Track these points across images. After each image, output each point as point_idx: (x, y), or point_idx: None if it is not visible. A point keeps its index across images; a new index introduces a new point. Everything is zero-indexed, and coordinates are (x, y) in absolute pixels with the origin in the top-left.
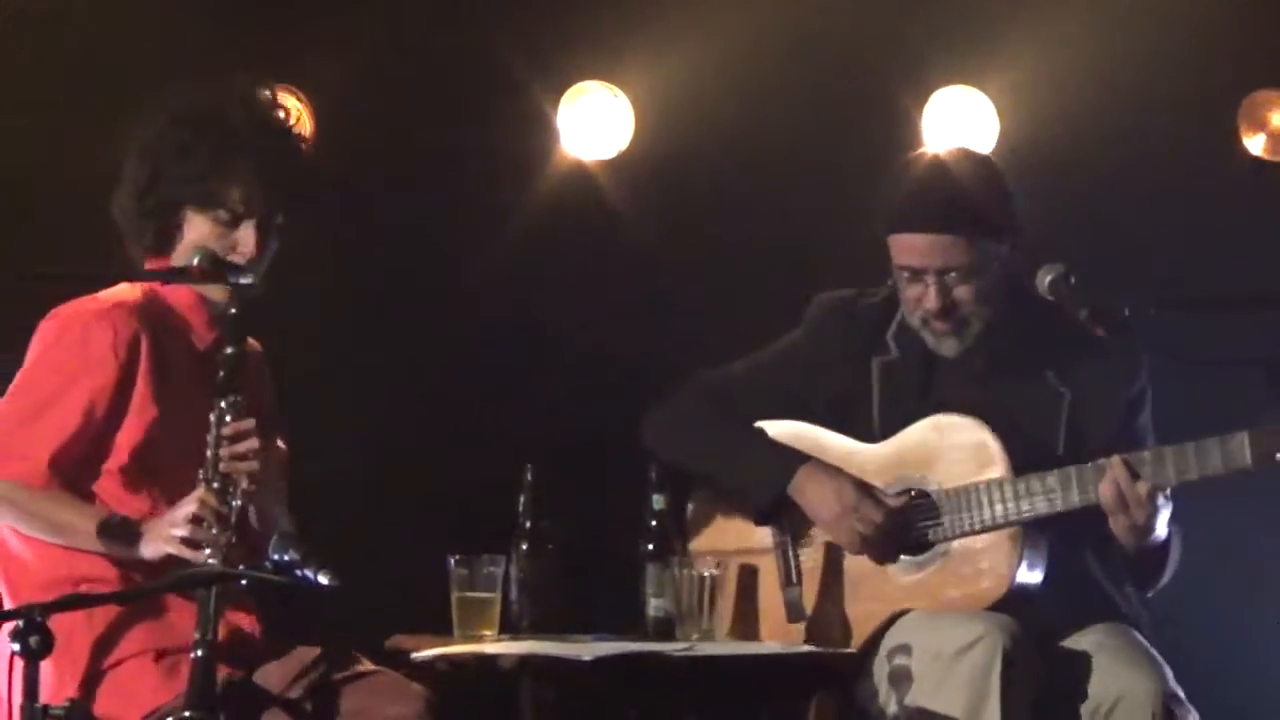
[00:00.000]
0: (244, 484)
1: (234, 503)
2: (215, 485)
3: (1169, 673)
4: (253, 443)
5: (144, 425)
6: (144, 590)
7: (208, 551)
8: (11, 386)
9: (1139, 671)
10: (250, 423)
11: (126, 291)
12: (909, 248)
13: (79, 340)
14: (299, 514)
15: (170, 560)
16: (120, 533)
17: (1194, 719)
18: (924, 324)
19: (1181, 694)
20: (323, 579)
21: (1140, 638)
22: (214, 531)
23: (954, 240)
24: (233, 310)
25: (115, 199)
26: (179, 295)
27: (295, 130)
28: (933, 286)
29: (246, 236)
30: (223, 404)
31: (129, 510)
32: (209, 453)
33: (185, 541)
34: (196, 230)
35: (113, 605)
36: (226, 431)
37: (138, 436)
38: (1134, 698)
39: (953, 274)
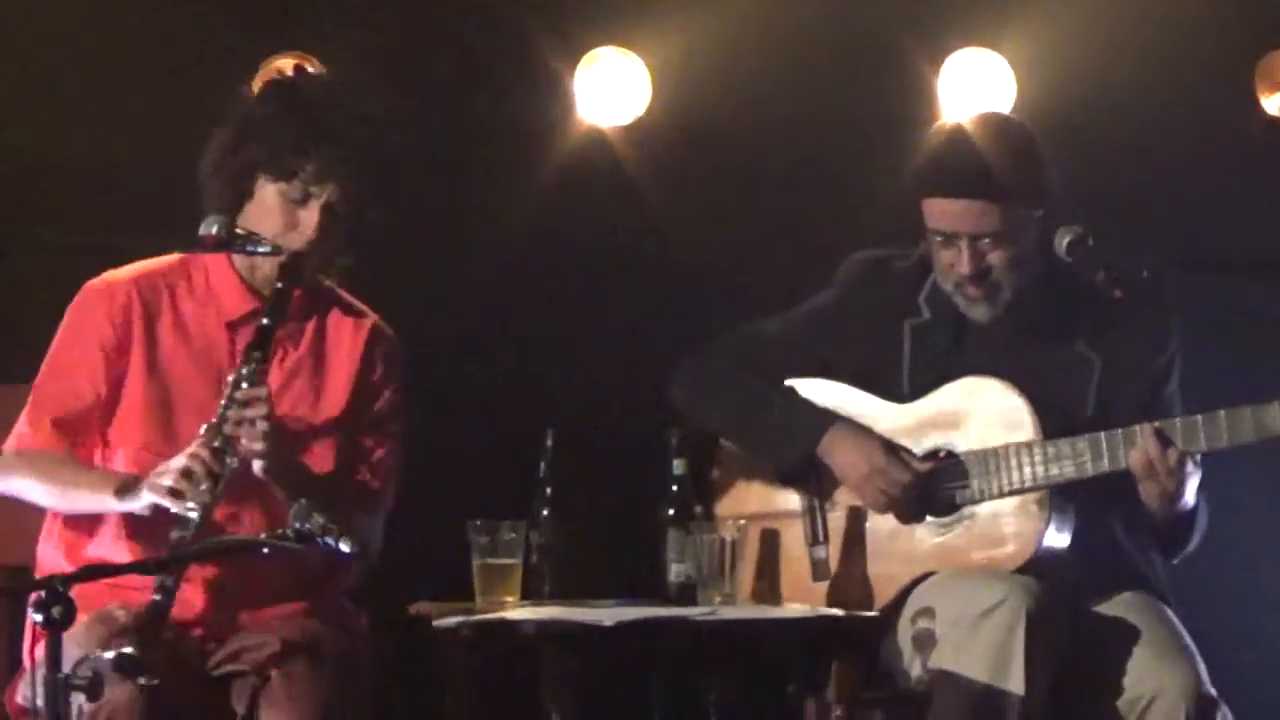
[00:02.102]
0: (255, 446)
1: (230, 462)
2: (215, 445)
3: (1203, 669)
4: (261, 409)
5: (140, 389)
6: (166, 560)
7: (190, 504)
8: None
9: (1173, 668)
10: (261, 391)
11: (152, 262)
12: (941, 212)
13: (80, 314)
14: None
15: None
16: (131, 492)
17: (1227, 716)
18: (956, 288)
19: (1214, 693)
20: (344, 547)
21: (1174, 619)
22: (202, 487)
23: (986, 206)
24: (279, 285)
25: (205, 151)
26: (213, 263)
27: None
28: (965, 251)
29: (309, 217)
30: (243, 370)
31: (119, 465)
32: (218, 412)
33: (171, 491)
34: (264, 200)
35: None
36: (239, 396)
37: (134, 400)
38: (1169, 696)
39: (985, 240)
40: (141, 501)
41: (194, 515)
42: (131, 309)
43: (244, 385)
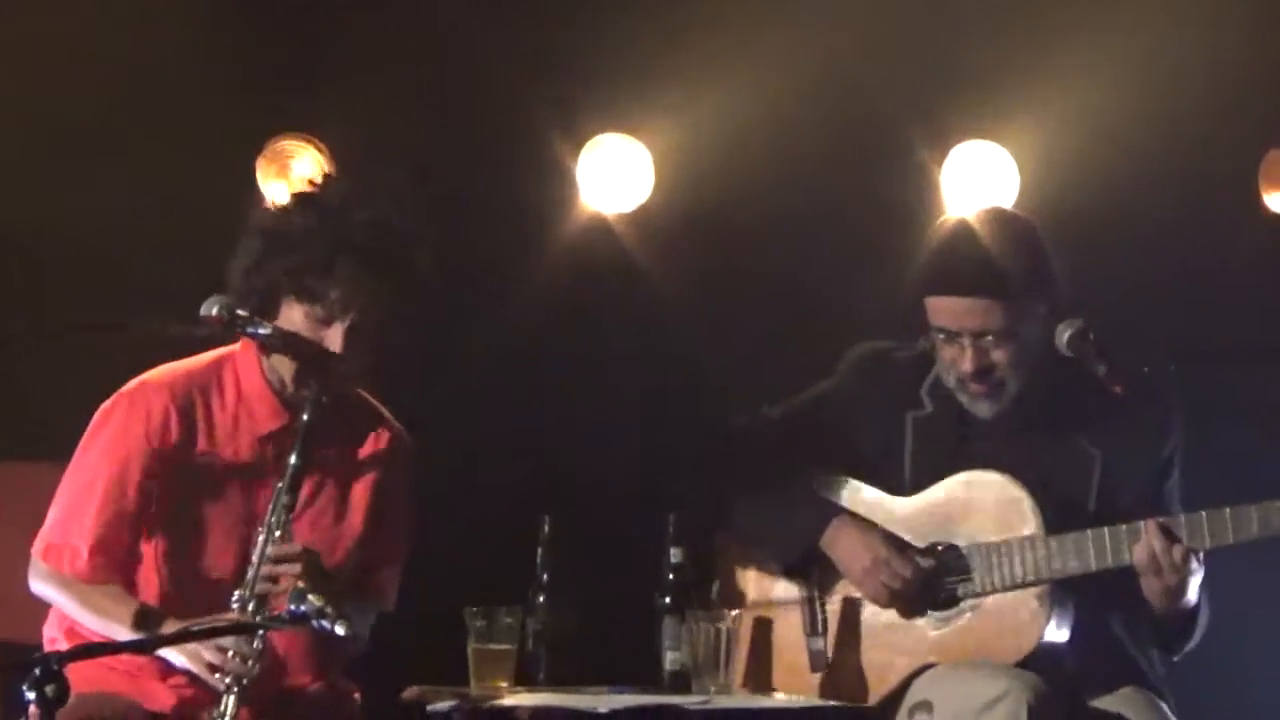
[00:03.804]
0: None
1: (264, 632)
2: (251, 608)
3: None
4: (294, 568)
5: (174, 504)
6: (160, 640)
7: (229, 681)
8: (67, 470)
9: None
10: (295, 549)
11: (184, 365)
12: (944, 309)
13: (116, 428)
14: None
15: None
16: (148, 625)
17: None
18: (960, 385)
19: None
20: (339, 629)
21: (1170, 714)
22: (238, 662)
23: (990, 304)
24: (305, 418)
25: (230, 263)
26: (244, 370)
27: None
28: (969, 349)
29: (334, 336)
30: (272, 519)
31: (148, 581)
32: (250, 572)
33: (210, 667)
34: (290, 316)
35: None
36: (272, 552)
37: (167, 514)
38: None
39: (988, 337)
40: (176, 658)
41: (234, 695)
42: (169, 423)
43: (276, 535)
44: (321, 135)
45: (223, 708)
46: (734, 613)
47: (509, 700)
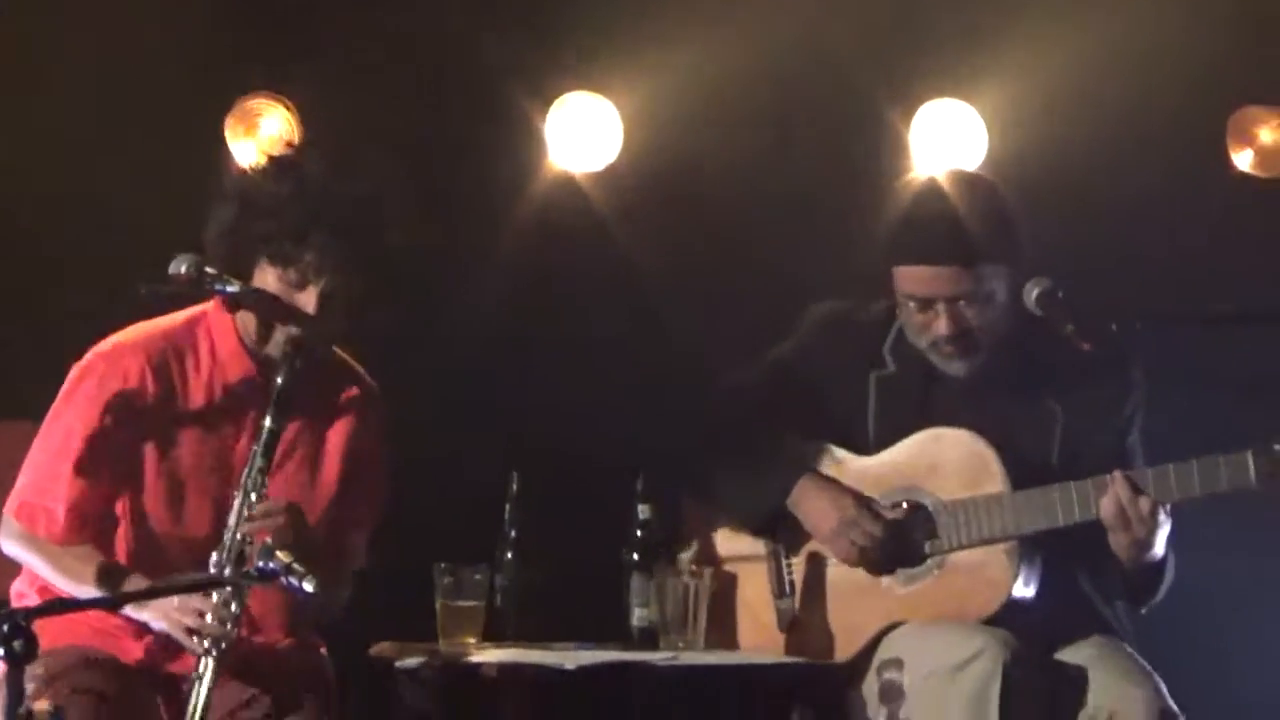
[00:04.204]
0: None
1: (245, 592)
2: (228, 570)
3: (1163, 686)
4: (278, 520)
5: (150, 465)
6: (129, 596)
7: (207, 644)
8: (41, 429)
9: (1133, 685)
10: (274, 505)
11: (158, 324)
12: (915, 278)
13: (91, 388)
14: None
15: None
16: (112, 581)
17: None
18: (934, 348)
19: (1175, 708)
20: (307, 586)
21: (1135, 654)
22: (216, 625)
23: (962, 269)
24: (279, 380)
25: (206, 226)
26: (218, 329)
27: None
28: (944, 315)
29: (307, 299)
30: (248, 481)
31: (128, 543)
32: (227, 536)
33: (188, 630)
34: (263, 280)
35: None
36: (250, 514)
37: (143, 475)
38: (1129, 712)
39: (961, 301)
40: (152, 621)
41: (211, 659)
42: (144, 384)
43: (252, 497)
44: (290, 95)
45: (200, 669)
46: (702, 569)
47: (477, 656)
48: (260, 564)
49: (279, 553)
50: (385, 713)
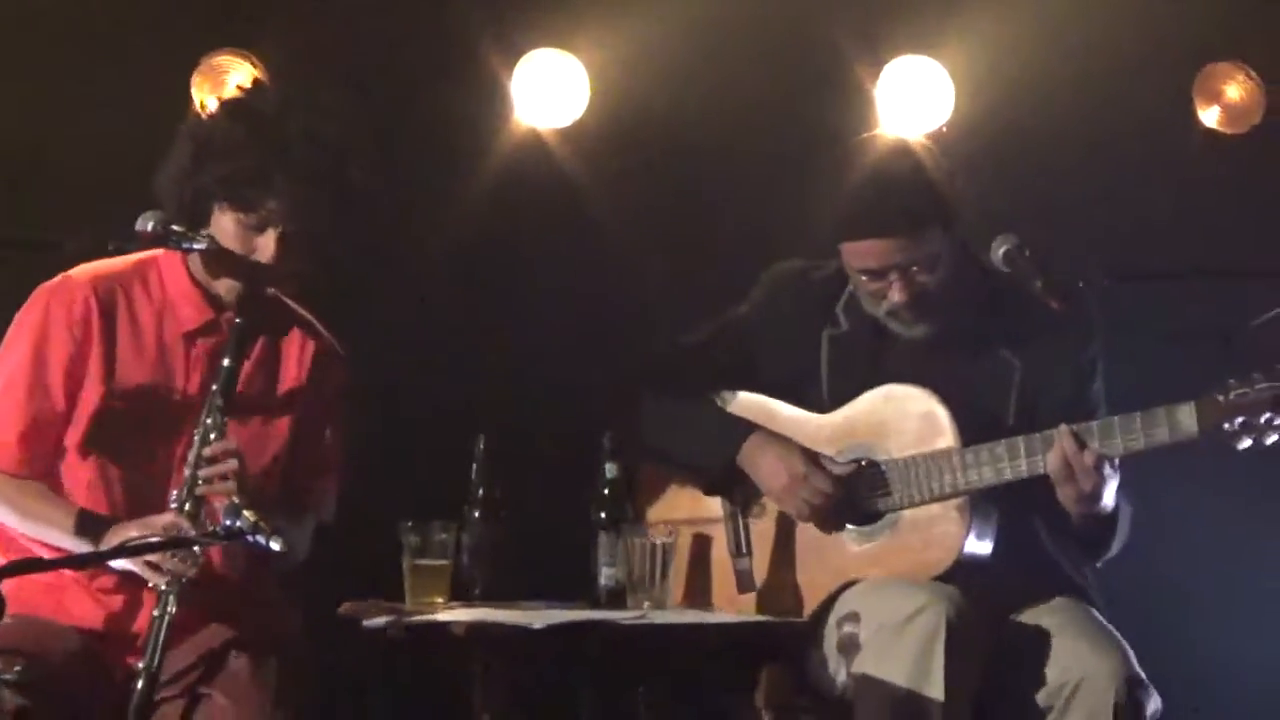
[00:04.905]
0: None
1: (205, 525)
2: (188, 508)
3: (1131, 654)
4: (231, 464)
5: (97, 397)
6: (97, 556)
7: (169, 579)
8: None
9: (1101, 653)
10: (230, 445)
11: (107, 263)
12: (864, 253)
13: (37, 320)
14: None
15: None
16: (90, 530)
17: (1156, 701)
18: (891, 316)
19: (1143, 675)
20: (274, 545)
21: (1099, 616)
22: (176, 561)
23: (908, 239)
24: (238, 320)
25: (159, 171)
26: (169, 269)
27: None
28: (898, 282)
29: (266, 244)
30: (207, 420)
31: (76, 478)
32: (186, 472)
33: (149, 564)
34: (222, 224)
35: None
36: (207, 452)
37: (91, 407)
38: (1096, 680)
39: (915, 267)
40: (112, 558)
41: (172, 591)
42: (90, 316)
43: (211, 437)
44: (257, 51)
45: (163, 609)
46: (671, 527)
47: (444, 615)
48: (227, 522)
49: (245, 512)
50: (353, 672)
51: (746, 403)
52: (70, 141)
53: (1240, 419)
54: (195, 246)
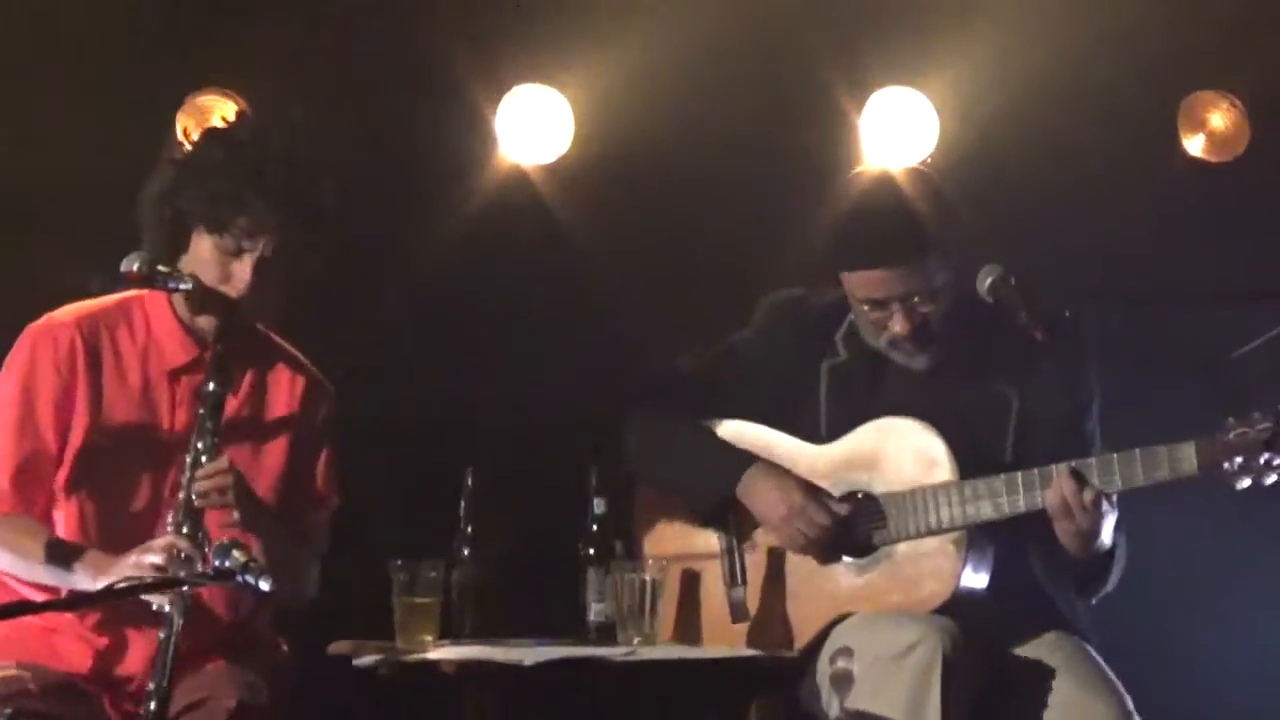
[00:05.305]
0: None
1: (205, 549)
2: (185, 529)
3: (1127, 698)
4: (226, 480)
5: (83, 436)
6: (88, 597)
7: (170, 596)
8: None
9: (1097, 697)
10: (223, 463)
11: (92, 303)
12: (867, 283)
13: (24, 360)
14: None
15: None
16: (85, 564)
17: None
18: (893, 345)
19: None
20: (264, 585)
21: (1096, 656)
22: (181, 560)
23: (912, 269)
24: (219, 346)
25: (140, 196)
26: (153, 307)
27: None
28: (899, 312)
29: (242, 270)
30: (199, 443)
31: (64, 516)
32: (181, 495)
33: (154, 566)
34: (199, 249)
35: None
36: (201, 474)
37: (77, 446)
38: None
39: (916, 298)
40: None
41: (175, 609)
42: (75, 355)
43: (204, 460)
44: (241, 89)
45: (170, 627)
46: (661, 563)
47: (434, 653)
48: (217, 562)
49: (235, 551)
50: (345, 712)
51: (741, 432)
52: (55, 180)
53: (1239, 459)
54: (181, 286)
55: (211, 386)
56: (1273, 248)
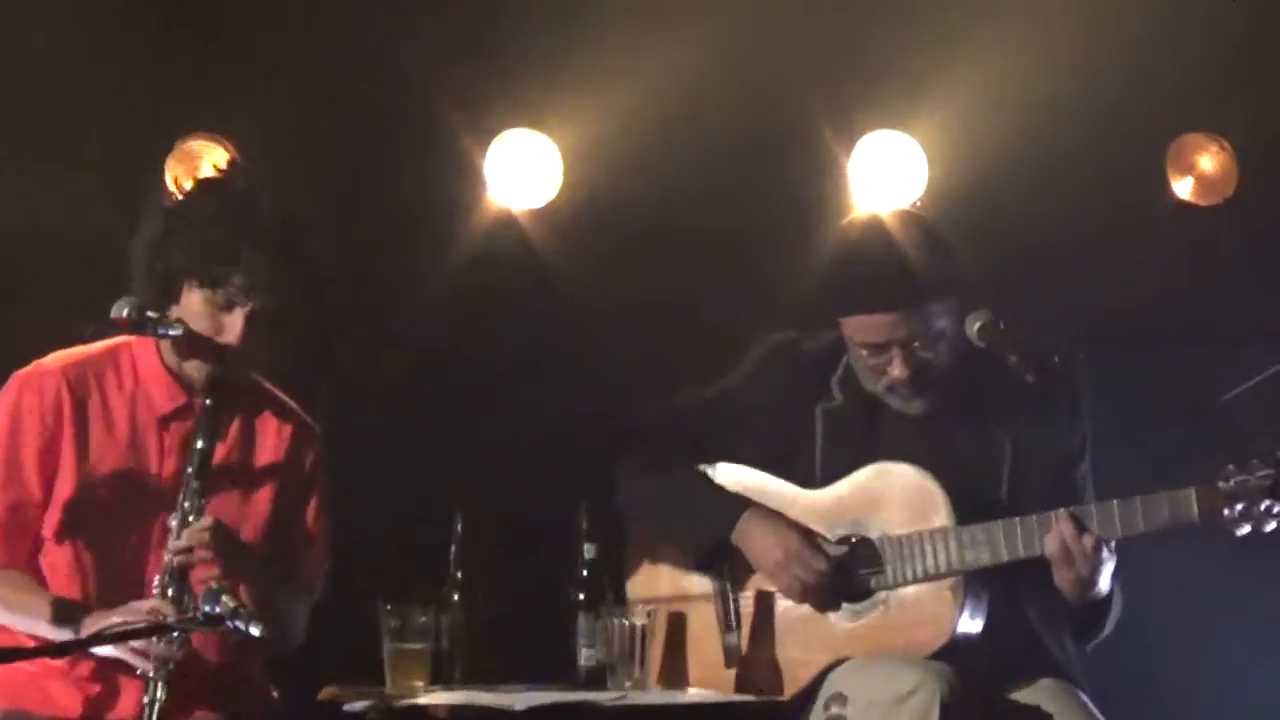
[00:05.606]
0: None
1: (190, 612)
2: (170, 593)
3: None
4: (203, 536)
5: (71, 484)
6: (79, 643)
7: (153, 664)
8: None
9: None
10: (208, 522)
11: (79, 350)
12: (867, 327)
13: (9, 409)
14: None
15: None
16: (71, 619)
17: None
18: (890, 390)
19: None
20: (253, 630)
21: (1089, 703)
22: (163, 645)
23: (912, 313)
24: (208, 401)
25: (131, 244)
26: (141, 354)
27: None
28: (898, 357)
29: (234, 323)
30: (185, 503)
31: (53, 565)
32: (166, 557)
33: (134, 650)
34: (190, 302)
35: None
36: (185, 535)
37: (65, 494)
38: None
39: (916, 342)
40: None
41: (160, 675)
42: (61, 402)
43: (190, 519)
44: (230, 135)
45: (153, 694)
46: (648, 608)
47: (425, 699)
48: (207, 608)
49: (225, 597)
50: None
51: (733, 476)
52: (44, 225)
53: (1240, 505)
54: (170, 333)
55: (200, 444)
56: (1262, 291)
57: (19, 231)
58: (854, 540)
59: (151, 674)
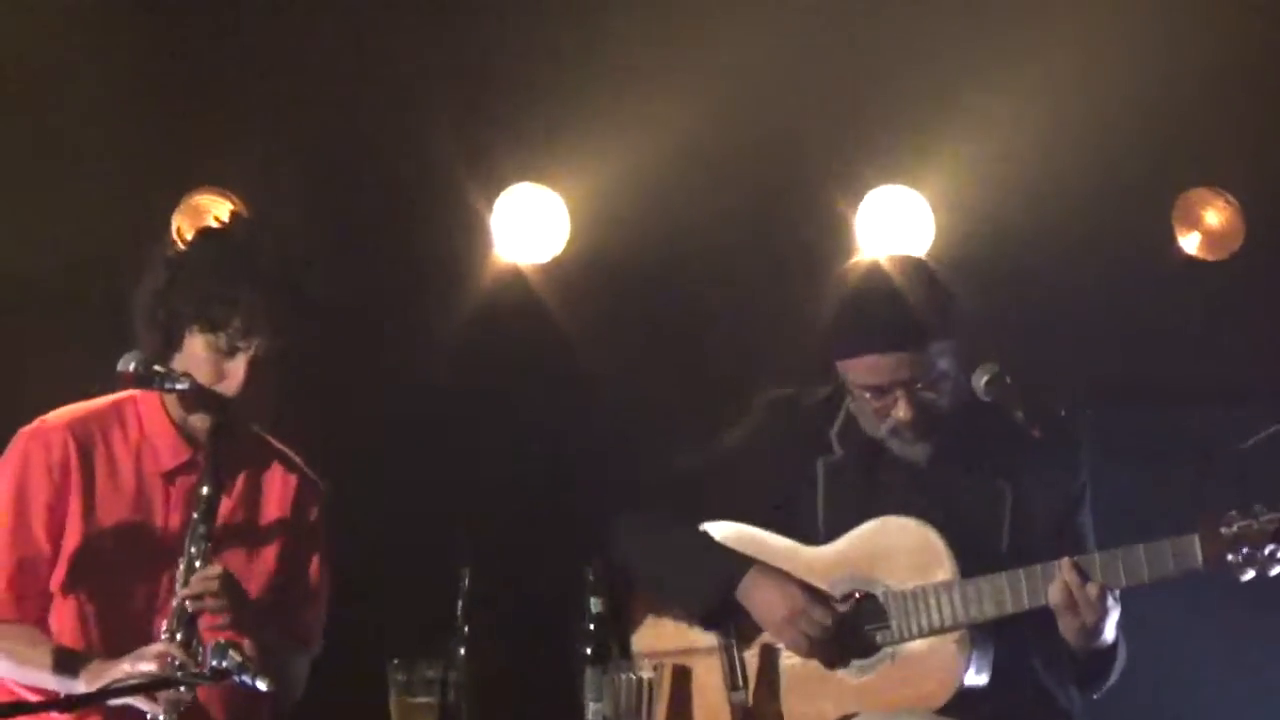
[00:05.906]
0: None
1: (199, 656)
2: (179, 636)
3: None
4: (211, 584)
5: (77, 538)
6: (86, 697)
7: (164, 707)
8: None
9: None
10: (216, 570)
11: (85, 405)
12: (870, 369)
13: (16, 465)
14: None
15: None
16: (78, 670)
17: None
18: (893, 434)
19: None
20: (261, 685)
21: None
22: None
23: (915, 354)
24: (212, 450)
25: (134, 295)
26: (146, 409)
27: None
28: (902, 399)
29: (236, 369)
30: (192, 549)
31: (60, 619)
32: (174, 602)
33: (145, 695)
34: (192, 348)
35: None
36: (193, 580)
37: (72, 548)
38: None
39: (920, 384)
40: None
41: (170, 717)
42: (68, 458)
43: (197, 564)
44: (237, 190)
45: None
46: (654, 661)
47: None
48: (214, 662)
49: (232, 651)
50: None
51: (735, 533)
52: (52, 279)
53: (1244, 550)
54: (177, 387)
55: (205, 490)
56: (1268, 345)
57: (25, 287)
58: (858, 595)
59: (161, 718)
